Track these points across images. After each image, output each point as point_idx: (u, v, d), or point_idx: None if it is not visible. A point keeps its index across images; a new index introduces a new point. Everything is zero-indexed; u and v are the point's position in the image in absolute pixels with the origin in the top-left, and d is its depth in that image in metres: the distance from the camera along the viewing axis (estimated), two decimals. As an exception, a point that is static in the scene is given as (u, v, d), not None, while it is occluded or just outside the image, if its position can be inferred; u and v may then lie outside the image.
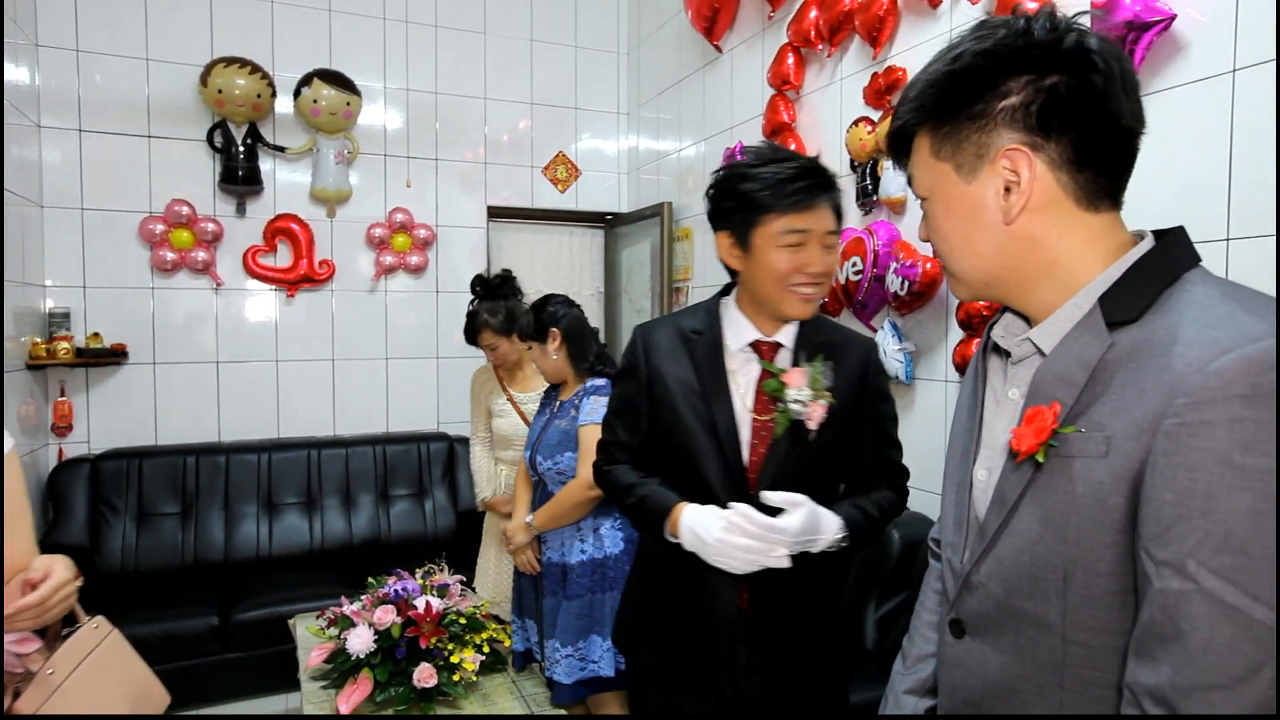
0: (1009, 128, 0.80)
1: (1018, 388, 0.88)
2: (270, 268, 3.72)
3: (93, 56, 3.40)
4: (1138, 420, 0.72)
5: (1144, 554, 0.71)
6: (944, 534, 0.98)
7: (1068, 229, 0.82)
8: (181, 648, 2.93)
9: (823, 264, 1.41)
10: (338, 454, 3.69)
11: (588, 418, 2.15)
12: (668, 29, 3.94)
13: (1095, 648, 0.77)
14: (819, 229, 1.39)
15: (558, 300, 2.36)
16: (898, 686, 1.10)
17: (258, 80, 3.49)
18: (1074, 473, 0.76)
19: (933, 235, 0.91)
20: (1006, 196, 0.82)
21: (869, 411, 1.51)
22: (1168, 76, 1.75)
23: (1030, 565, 0.81)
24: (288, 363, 3.81)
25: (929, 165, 0.87)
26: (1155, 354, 0.73)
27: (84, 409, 3.46)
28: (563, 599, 2.15)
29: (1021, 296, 0.87)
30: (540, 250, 4.42)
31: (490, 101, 4.14)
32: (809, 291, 1.42)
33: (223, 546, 3.38)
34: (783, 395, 1.41)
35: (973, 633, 0.90)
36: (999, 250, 0.84)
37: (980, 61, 0.81)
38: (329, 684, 2.05)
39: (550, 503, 2.20)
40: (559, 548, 2.21)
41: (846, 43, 2.70)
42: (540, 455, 2.24)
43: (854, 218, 2.66)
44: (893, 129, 0.91)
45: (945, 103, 0.84)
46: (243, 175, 3.56)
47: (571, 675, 2.09)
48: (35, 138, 3.29)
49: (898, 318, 2.48)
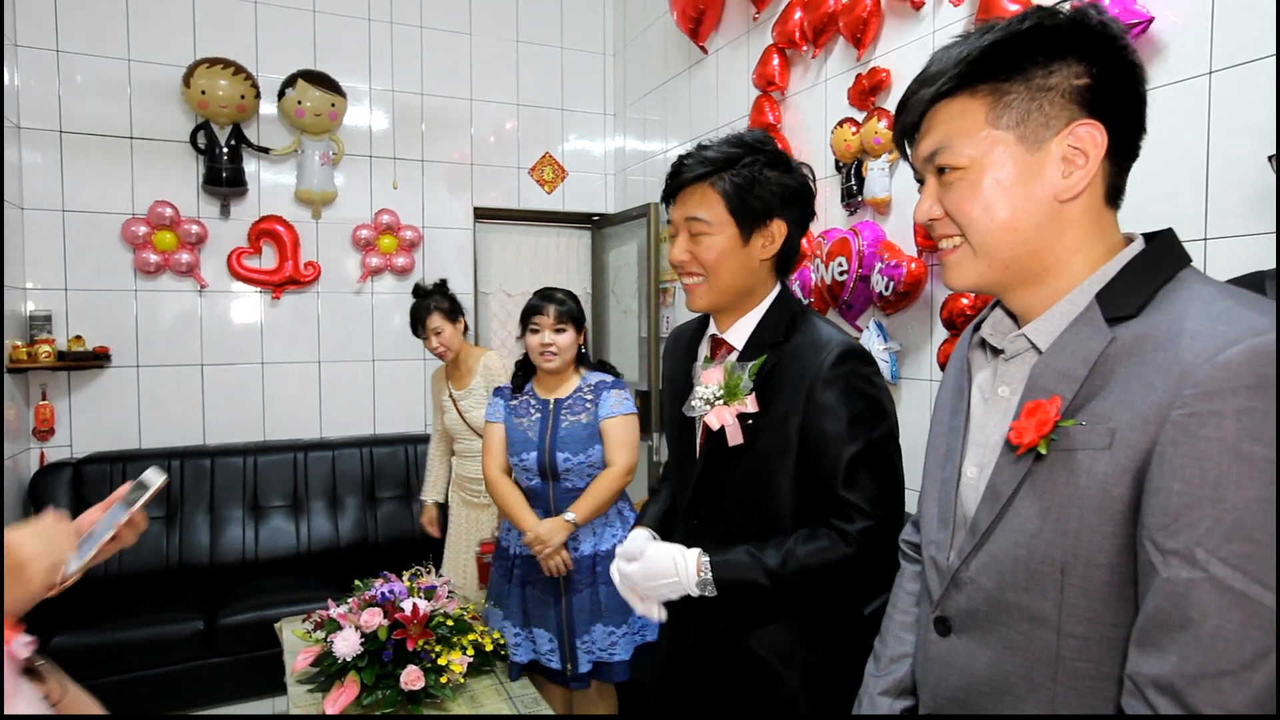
0: (1072, 102, 0.81)
1: (1008, 385, 0.89)
2: (255, 270, 3.69)
3: (73, 57, 3.37)
4: (1143, 412, 0.72)
5: (1149, 544, 0.71)
6: (926, 533, 0.98)
7: (1094, 219, 0.84)
8: (166, 653, 2.90)
9: (677, 254, 1.37)
10: (324, 456, 3.68)
11: (613, 410, 2.29)
12: (653, 30, 3.94)
13: (1090, 640, 0.78)
14: (678, 217, 1.37)
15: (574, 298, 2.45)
16: (872, 688, 1.10)
17: (241, 81, 3.47)
18: (1075, 465, 0.77)
19: (966, 205, 0.85)
20: (1068, 174, 0.81)
21: (813, 432, 1.26)
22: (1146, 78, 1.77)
23: (1027, 558, 0.81)
24: (273, 365, 3.79)
25: (981, 133, 0.83)
26: (1159, 348, 0.74)
27: (66, 413, 3.43)
28: (600, 585, 2.25)
29: (1027, 286, 0.86)
30: (527, 251, 4.42)
31: (476, 102, 4.14)
32: (686, 282, 1.38)
33: (208, 550, 3.35)
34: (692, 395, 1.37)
35: (959, 630, 0.90)
36: (1037, 229, 0.83)
37: (1048, 22, 0.81)
38: (315, 687, 2.04)
39: (589, 495, 2.26)
40: (590, 538, 2.29)
41: (831, 44, 2.71)
42: (566, 453, 2.27)
43: (839, 218, 2.68)
44: (931, 93, 0.86)
45: (1004, 63, 0.82)
46: (227, 177, 3.54)
47: (629, 650, 2.28)
48: (15, 139, 3.25)
49: (883, 318, 2.49)
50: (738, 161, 1.31)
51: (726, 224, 1.32)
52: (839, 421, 1.25)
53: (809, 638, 1.34)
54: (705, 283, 1.35)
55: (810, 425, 1.27)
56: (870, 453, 1.25)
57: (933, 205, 0.89)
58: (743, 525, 1.34)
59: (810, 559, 1.23)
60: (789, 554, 1.24)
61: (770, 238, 1.35)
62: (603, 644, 2.26)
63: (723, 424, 1.31)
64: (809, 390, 1.27)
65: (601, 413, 2.29)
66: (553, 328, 2.29)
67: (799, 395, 1.28)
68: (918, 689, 1.01)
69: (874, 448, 1.25)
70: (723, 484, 1.36)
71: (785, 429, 1.28)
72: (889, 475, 1.27)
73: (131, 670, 2.84)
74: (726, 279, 1.34)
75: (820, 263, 2.57)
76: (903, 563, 1.16)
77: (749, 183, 1.31)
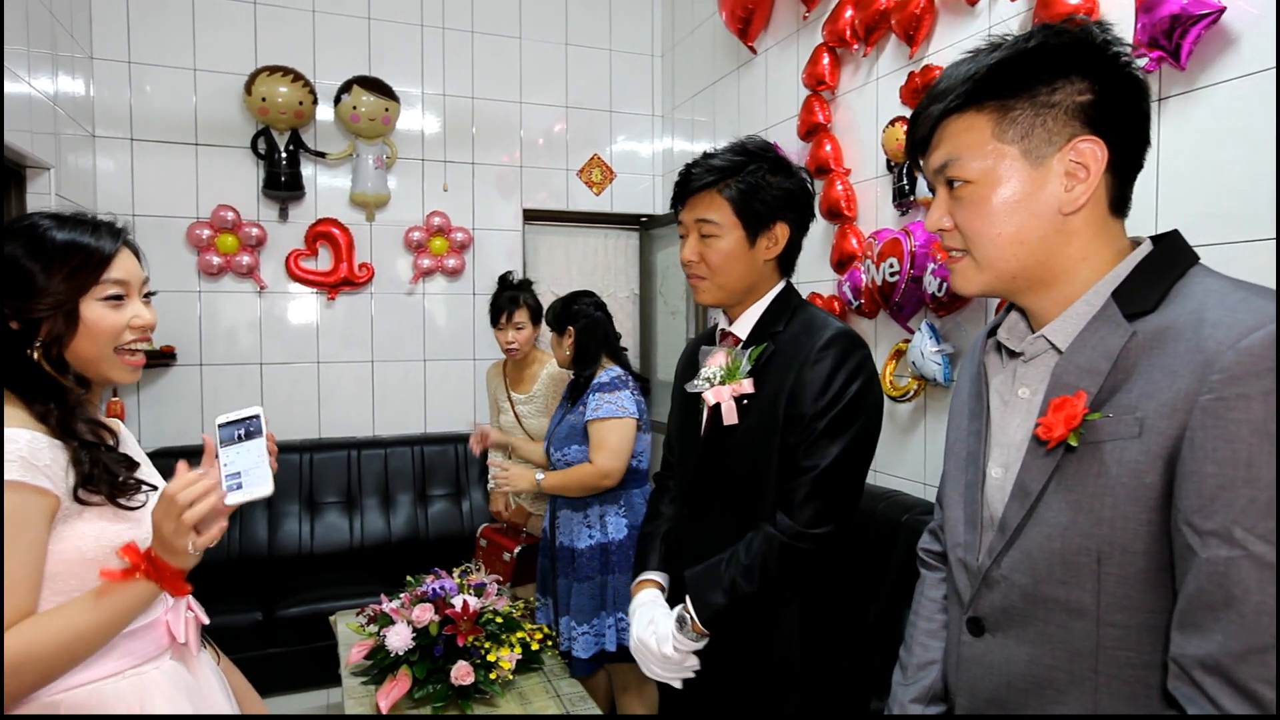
0: (1074, 119, 0.84)
1: (1028, 386, 0.92)
2: (311, 271, 3.80)
3: (143, 68, 3.51)
4: (1170, 400, 0.75)
5: (1185, 527, 0.73)
6: (953, 536, 0.99)
7: (1099, 229, 0.87)
8: (228, 641, 2.99)
9: (687, 254, 1.47)
10: (377, 454, 3.76)
11: (594, 413, 2.35)
12: (702, 31, 3.94)
13: (1130, 628, 0.79)
14: (689, 220, 1.47)
15: (586, 301, 2.48)
16: (902, 696, 1.11)
17: (300, 88, 3.57)
18: (1104, 456, 0.79)
19: (974, 220, 0.90)
20: (1070, 188, 0.85)
21: (794, 407, 1.35)
22: (1216, 71, 1.71)
23: (1062, 551, 0.83)
24: (328, 364, 3.89)
25: (988, 147, 0.87)
26: (1181, 338, 0.76)
27: (135, 408, 3.57)
28: (574, 581, 2.38)
29: (1037, 293, 0.90)
30: (575, 253, 4.45)
31: (526, 105, 4.18)
32: (694, 280, 1.49)
33: (266, 544, 3.46)
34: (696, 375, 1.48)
35: (994, 629, 0.91)
36: (1041, 241, 0.87)
37: (1053, 41, 0.84)
38: (369, 680, 2.09)
39: (563, 472, 2.40)
40: (569, 534, 2.42)
41: (883, 42, 2.68)
42: (553, 447, 2.43)
43: (890, 218, 2.64)
44: (940, 109, 0.90)
45: (1010, 80, 0.85)
46: (285, 181, 3.65)
47: (588, 650, 2.37)
48: (90, 147, 3.40)
49: (935, 319, 2.45)
50: (743, 169, 1.42)
51: (734, 226, 1.42)
52: (818, 397, 1.33)
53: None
54: (710, 280, 1.46)
55: (793, 400, 1.36)
56: (839, 423, 1.32)
57: (943, 216, 0.94)
58: (735, 502, 1.44)
59: (759, 564, 1.34)
60: (744, 571, 1.35)
61: (774, 239, 1.45)
62: (567, 633, 2.42)
63: (719, 401, 1.40)
64: (798, 369, 1.36)
65: (588, 414, 2.38)
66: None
67: (789, 375, 1.37)
68: (952, 693, 1.02)
69: (844, 418, 1.33)
70: (720, 464, 1.46)
71: (775, 408, 1.37)
72: (857, 446, 1.35)
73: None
74: (732, 277, 1.45)
75: (871, 263, 2.53)
76: (923, 571, 1.18)
77: (753, 188, 1.41)
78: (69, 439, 1.08)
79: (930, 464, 2.52)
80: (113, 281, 1.14)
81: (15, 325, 1.10)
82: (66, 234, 1.12)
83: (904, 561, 2.07)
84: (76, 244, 1.12)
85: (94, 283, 1.13)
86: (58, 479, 1.04)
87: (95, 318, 1.13)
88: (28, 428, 1.05)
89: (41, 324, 1.10)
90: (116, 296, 1.15)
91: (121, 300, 1.16)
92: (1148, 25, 1.72)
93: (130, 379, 1.20)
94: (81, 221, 1.16)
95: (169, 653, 1.18)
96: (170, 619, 1.16)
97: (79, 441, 1.09)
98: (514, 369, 2.99)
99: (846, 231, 2.78)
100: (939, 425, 2.48)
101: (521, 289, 2.89)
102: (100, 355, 1.15)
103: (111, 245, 1.16)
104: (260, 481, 1.09)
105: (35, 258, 1.09)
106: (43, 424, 1.07)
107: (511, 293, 2.86)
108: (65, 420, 1.09)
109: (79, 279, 1.11)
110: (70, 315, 1.11)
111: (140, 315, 1.18)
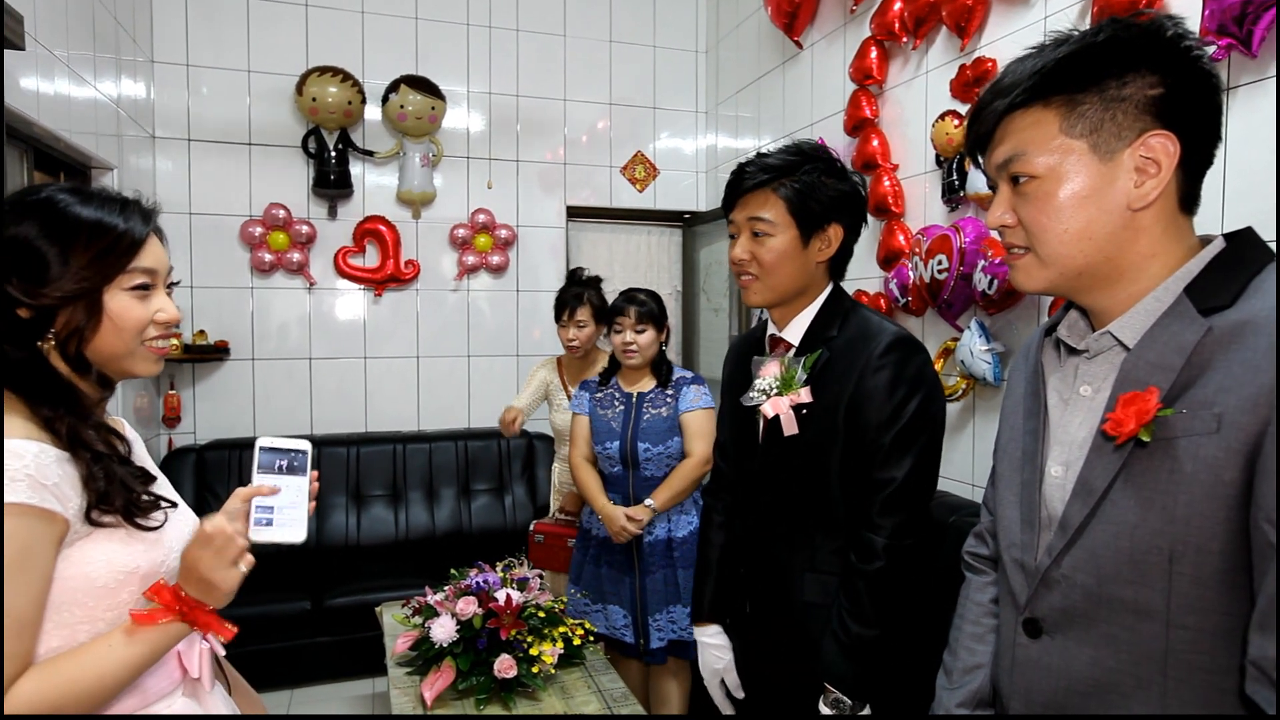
0: (1145, 113, 0.82)
1: (1090, 384, 0.90)
2: (359, 268, 3.87)
3: (200, 70, 3.61)
4: (1252, 395, 0.73)
5: (1266, 525, 0.71)
6: (1007, 536, 0.98)
7: (1168, 225, 0.85)
8: (278, 630, 3.08)
9: (738, 253, 1.46)
10: (422, 449, 3.81)
11: (692, 404, 2.44)
12: (747, 26, 3.90)
13: (1203, 631, 0.77)
14: (741, 219, 1.46)
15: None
16: (948, 701, 1.09)
17: (349, 88, 3.64)
18: (1178, 453, 0.77)
19: (1040, 216, 0.88)
20: (1140, 183, 0.83)
21: (858, 418, 1.33)
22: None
23: (1130, 550, 0.80)
24: (375, 359, 3.96)
25: (1054, 142, 0.86)
26: (1261, 332, 0.75)
27: (190, 402, 3.68)
28: (677, 568, 2.40)
29: (1101, 289, 0.88)
30: (619, 249, 4.45)
31: (570, 103, 4.20)
32: (743, 279, 1.48)
33: (314, 535, 3.54)
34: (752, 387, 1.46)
35: (1052, 630, 0.89)
36: (1110, 237, 0.85)
37: (1124, 35, 0.82)
38: (414, 670, 2.12)
39: (669, 483, 2.41)
40: (665, 523, 2.43)
41: (933, 34, 2.62)
42: (647, 443, 2.43)
43: (939, 214, 2.58)
44: (1005, 104, 0.88)
45: (1078, 74, 0.83)
46: (334, 179, 3.72)
47: (679, 634, 2.40)
48: (150, 148, 3.51)
49: (985, 317, 2.39)
50: (798, 169, 1.41)
51: (788, 226, 1.41)
52: (882, 406, 1.31)
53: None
54: (761, 280, 1.44)
55: (856, 411, 1.33)
56: (908, 435, 1.31)
57: (1005, 213, 0.91)
58: (795, 511, 1.42)
59: (868, 587, 1.32)
60: (852, 614, 1.33)
61: (827, 241, 1.43)
62: (681, 623, 2.40)
63: (778, 413, 1.38)
64: (858, 378, 1.33)
65: (681, 406, 2.45)
66: (634, 327, 2.45)
67: (849, 384, 1.34)
68: (1005, 697, 0.99)
69: (913, 430, 1.31)
70: (781, 475, 1.44)
71: (835, 417, 1.35)
72: (927, 457, 1.33)
73: (245, 645, 3.03)
74: (783, 278, 1.43)
75: (919, 260, 2.48)
76: (968, 575, 1.16)
77: (809, 188, 1.40)
78: (80, 450, 0.93)
79: (979, 464, 2.46)
80: (142, 270, 0.99)
81: (25, 314, 0.94)
82: (92, 211, 0.96)
83: (950, 563, 2.03)
84: (104, 224, 0.96)
85: (121, 270, 0.97)
86: (67, 499, 0.90)
87: (120, 309, 0.97)
88: (33, 438, 0.90)
89: (58, 314, 0.94)
90: (144, 286, 1.00)
91: (148, 291, 1.01)
92: (1216, 12, 1.65)
93: (155, 370, 1.05)
94: (108, 198, 1.00)
95: (181, 689, 1.05)
96: (183, 650, 1.04)
97: (91, 453, 0.94)
98: (573, 366, 2.95)
99: (894, 228, 2.74)
100: (988, 425, 2.42)
101: (588, 286, 2.86)
102: (126, 350, 1.00)
103: (142, 229, 1.00)
104: (293, 524, 0.99)
105: (53, 237, 0.93)
106: (49, 432, 0.92)
107: (577, 289, 2.84)
108: (75, 429, 0.94)
109: (105, 264, 0.96)
110: (93, 306, 0.96)
111: (165, 309, 1.03)
